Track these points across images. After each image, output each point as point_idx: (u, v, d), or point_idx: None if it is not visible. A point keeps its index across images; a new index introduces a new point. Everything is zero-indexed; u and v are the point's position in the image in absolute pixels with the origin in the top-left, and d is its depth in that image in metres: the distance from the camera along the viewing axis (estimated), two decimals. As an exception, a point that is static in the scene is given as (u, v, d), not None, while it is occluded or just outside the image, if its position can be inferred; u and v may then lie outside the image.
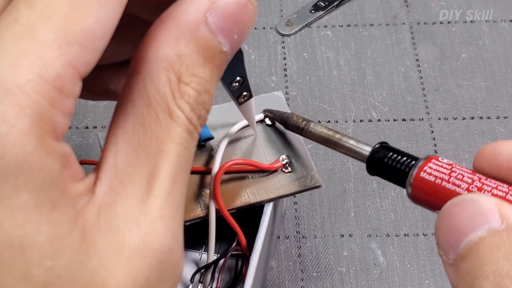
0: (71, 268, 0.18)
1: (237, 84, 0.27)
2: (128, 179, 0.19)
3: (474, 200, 0.20)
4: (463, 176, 0.22)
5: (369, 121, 0.49)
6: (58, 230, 0.17)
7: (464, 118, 0.49)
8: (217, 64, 0.20)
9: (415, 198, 0.24)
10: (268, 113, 0.36)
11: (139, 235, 0.19)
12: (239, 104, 0.30)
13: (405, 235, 0.44)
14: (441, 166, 0.23)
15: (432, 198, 0.23)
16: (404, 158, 0.25)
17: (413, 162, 0.25)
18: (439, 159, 0.23)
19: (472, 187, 0.22)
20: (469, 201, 0.20)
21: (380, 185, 0.46)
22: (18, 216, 0.17)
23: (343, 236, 0.44)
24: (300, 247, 0.44)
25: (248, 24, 0.21)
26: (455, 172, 0.22)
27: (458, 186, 0.22)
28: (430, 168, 0.23)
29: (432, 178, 0.23)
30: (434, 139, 0.48)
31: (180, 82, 0.19)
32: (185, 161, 0.20)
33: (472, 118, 0.49)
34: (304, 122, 0.33)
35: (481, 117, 0.50)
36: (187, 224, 0.34)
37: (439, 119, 0.49)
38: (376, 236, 0.44)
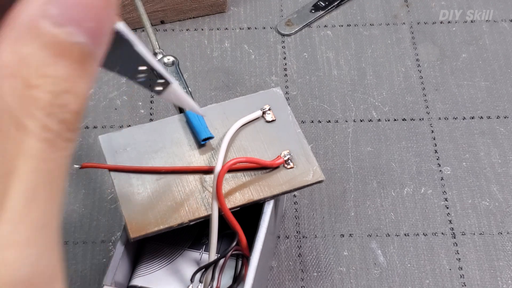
0: None
1: (143, 75, 0.24)
2: None
3: None
4: None
5: (369, 121, 0.49)
6: None
7: (464, 118, 0.49)
8: (76, 58, 0.18)
9: None
10: None
11: None
12: (157, 93, 0.27)
13: (405, 235, 0.44)
14: None
15: None
16: None
17: None
18: None
19: None
20: None
21: (380, 185, 0.46)
22: None
23: (343, 236, 0.44)
24: (300, 247, 0.44)
25: (104, 7, 0.19)
26: None
27: None
28: None
29: None
30: (434, 139, 0.48)
31: (28, 87, 0.17)
32: (45, 175, 0.18)
33: (472, 117, 0.49)
34: None
35: (481, 117, 0.49)
36: (191, 223, 0.34)
37: (439, 118, 0.49)
38: (376, 236, 0.44)
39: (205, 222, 0.34)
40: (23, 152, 0.17)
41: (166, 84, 0.27)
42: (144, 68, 0.24)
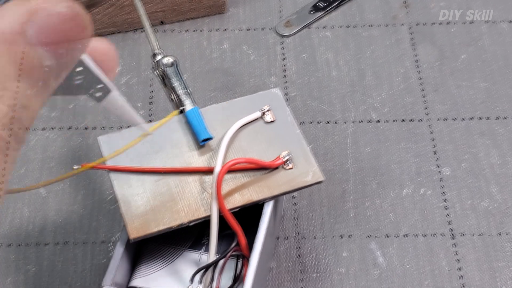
0: None
1: (79, 77, 0.23)
2: None
3: None
4: None
5: (368, 122, 0.49)
6: None
7: (463, 119, 0.49)
8: (39, 78, 0.19)
9: None
10: None
11: None
12: (98, 101, 0.26)
13: (404, 235, 0.44)
14: None
15: None
16: None
17: None
18: None
19: None
20: None
21: (380, 186, 0.46)
22: None
23: (342, 237, 0.44)
24: (300, 247, 0.44)
25: (80, 36, 0.20)
26: None
27: None
28: None
29: None
30: (433, 140, 0.48)
31: None
32: None
33: (472, 118, 0.49)
34: None
35: (481, 118, 0.50)
36: (191, 224, 0.34)
37: (439, 119, 0.49)
38: (376, 237, 0.44)
39: (205, 222, 0.34)
40: None
41: (107, 91, 0.25)
42: (80, 69, 0.23)
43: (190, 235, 0.37)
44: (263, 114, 0.37)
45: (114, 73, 0.24)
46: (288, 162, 0.35)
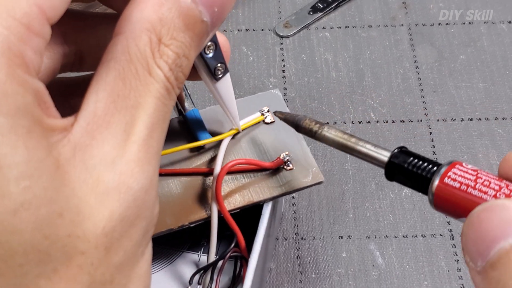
0: (47, 189, 0.18)
1: (211, 51, 0.28)
2: (105, 126, 0.20)
3: (506, 205, 0.19)
4: (490, 183, 0.21)
5: (367, 123, 0.49)
6: (34, 154, 0.18)
7: (462, 120, 0.49)
8: (197, 32, 0.22)
9: (438, 205, 0.23)
10: (279, 114, 0.34)
11: (114, 173, 0.20)
12: (217, 80, 0.30)
13: (403, 236, 0.44)
14: (466, 172, 0.22)
15: (457, 205, 0.22)
16: (425, 164, 0.25)
17: (435, 168, 0.24)
18: (463, 164, 0.23)
19: (499, 194, 0.21)
20: (500, 206, 0.20)
21: (379, 187, 0.46)
22: None
23: (341, 238, 0.44)
24: (299, 248, 0.44)
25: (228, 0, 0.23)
26: (481, 178, 0.22)
27: (485, 192, 0.21)
28: (455, 174, 0.22)
29: (456, 185, 0.22)
30: (432, 141, 0.48)
31: (161, 43, 0.21)
32: (162, 115, 0.21)
33: (471, 119, 0.49)
34: (318, 126, 0.31)
35: (480, 119, 0.50)
36: (192, 225, 0.34)
37: (438, 120, 0.49)
38: (375, 237, 0.44)
39: (204, 223, 0.34)
40: (150, 93, 0.21)
41: (226, 70, 0.30)
42: (211, 43, 0.27)
43: (189, 236, 0.37)
44: (263, 115, 0.37)
45: (228, 63, 0.29)
46: (288, 163, 0.35)
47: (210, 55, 0.28)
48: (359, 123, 0.49)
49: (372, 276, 0.43)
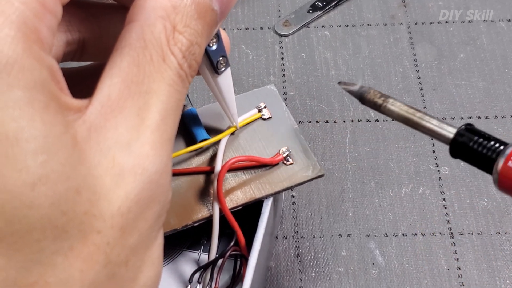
0: (64, 165, 0.18)
1: (214, 43, 0.28)
2: (119, 110, 0.20)
3: None
4: None
5: (367, 121, 0.49)
6: (51, 129, 0.18)
7: (462, 118, 0.49)
8: (207, 20, 0.22)
9: (502, 186, 0.23)
10: (344, 85, 0.33)
11: (130, 155, 0.20)
12: (219, 74, 0.30)
13: (403, 235, 0.44)
14: None
15: None
16: (492, 143, 0.24)
17: (501, 147, 0.24)
18: None
19: None
20: None
21: (378, 185, 0.46)
22: (13, 110, 0.17)
23: (341, 236, 0.44)
24: (299, 247, 0.44)
25: None
26: None
27: None
28: None
29: None
30: (432, 139, 0.48)
31: (175, 30, 0.21)
32: (175, 102, 0.22)
33: (470, 118, 0.50)
34: (382, 98, 0.30)
35: (479, 117, 0.50)
36: (195, 225, 0.34)
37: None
38: (375, 236, 0.44)
39: (204, 222, 0.34)
40: (164, 80, 0.21)
41: (227, 64, 0.31)
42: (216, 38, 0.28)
43: (189, 235, 0.37)
44: (260, 111, 0.37)
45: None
46: (288, 157, 0.35)
47: (214, 47, 0.28)
48: (359, 121, 0.49)
49: (371, 275, 0.43)
